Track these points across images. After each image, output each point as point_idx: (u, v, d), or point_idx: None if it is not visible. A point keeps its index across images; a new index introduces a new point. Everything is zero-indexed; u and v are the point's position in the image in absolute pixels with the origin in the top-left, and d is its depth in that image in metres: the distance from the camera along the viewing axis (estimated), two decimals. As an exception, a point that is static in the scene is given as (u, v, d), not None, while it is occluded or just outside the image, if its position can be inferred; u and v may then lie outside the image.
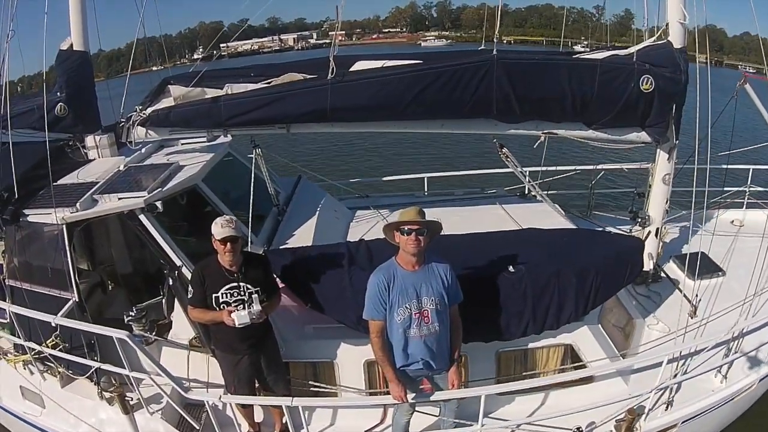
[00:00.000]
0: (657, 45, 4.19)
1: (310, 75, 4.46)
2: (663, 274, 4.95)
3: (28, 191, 4.39)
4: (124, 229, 4.70)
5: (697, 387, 3.86)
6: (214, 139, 4.83)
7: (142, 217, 3.98)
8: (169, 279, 4.04)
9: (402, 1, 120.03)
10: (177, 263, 3.97)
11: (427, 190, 6.82)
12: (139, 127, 4.47)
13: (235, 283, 3.39)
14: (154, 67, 7.53)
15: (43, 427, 4.27)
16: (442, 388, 3.39)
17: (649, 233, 4.78)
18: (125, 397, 3.74)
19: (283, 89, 4.32)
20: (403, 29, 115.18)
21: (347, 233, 5.22)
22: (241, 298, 3.38)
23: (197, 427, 3.86)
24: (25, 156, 4.43)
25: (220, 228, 3.28)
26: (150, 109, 4.48)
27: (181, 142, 5.05)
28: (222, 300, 3.37)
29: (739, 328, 3.75)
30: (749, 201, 5.99)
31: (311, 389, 3.94)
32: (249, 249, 4.11)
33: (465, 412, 3.54)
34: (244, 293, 3.39)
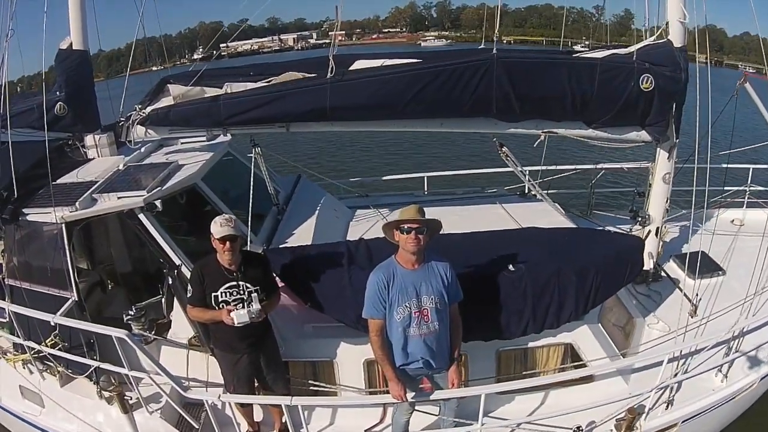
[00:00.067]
0: (657, 44, 4.18)
1: (310, 74, 4.46)
2: (663, 274, 4.95)
3: (28, 190, 4.39)
4: (123, 228, 4.70)
5: (698, 386, 3.86)
6: (213, 138, 4.85)
7: (142, 216, 3.98)
8: (169, 278, 4.03)
9: (402, 1, 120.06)
10: (176, 262, 3.97)
11: (427, 189, 6.81)
12: (138, 126, 4.48)
13: (235, 282, 3.38)
14: (154, 67, 7.54)
15: (42, 427, 4.26)
16: (441, 387, 3.39)
17: (649, 232, 4.77)
18: (124, 396, 3.74)
19: (282, 88, 4.31)
20: (403, 29, 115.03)
21: (347, 232, 5.21)
22: (241, 297, 3.38)
23: (196, 426, 3.86)
24: (25, 155, 4.42)
25: (220, 227, 3.28)
26: (149, 108, 4.49)
27: (181, 141, 5.05)
28: (221, 299, 3.37)
29: (739, 328, 3.75)
30: (749, 200, 5.99)
31: (311, 388, 3.94)
32: (248, 248, 4.11)
33: (465, 411, 3.53)
34: (243, 292, 3.39)
